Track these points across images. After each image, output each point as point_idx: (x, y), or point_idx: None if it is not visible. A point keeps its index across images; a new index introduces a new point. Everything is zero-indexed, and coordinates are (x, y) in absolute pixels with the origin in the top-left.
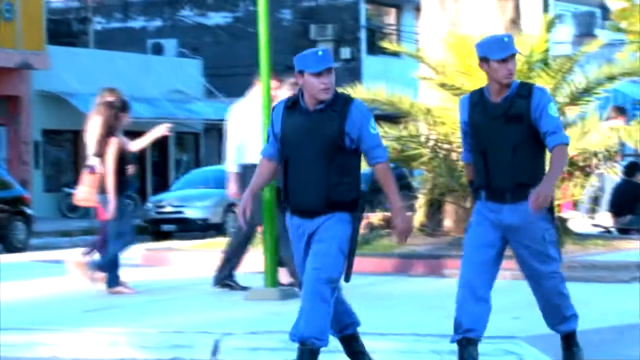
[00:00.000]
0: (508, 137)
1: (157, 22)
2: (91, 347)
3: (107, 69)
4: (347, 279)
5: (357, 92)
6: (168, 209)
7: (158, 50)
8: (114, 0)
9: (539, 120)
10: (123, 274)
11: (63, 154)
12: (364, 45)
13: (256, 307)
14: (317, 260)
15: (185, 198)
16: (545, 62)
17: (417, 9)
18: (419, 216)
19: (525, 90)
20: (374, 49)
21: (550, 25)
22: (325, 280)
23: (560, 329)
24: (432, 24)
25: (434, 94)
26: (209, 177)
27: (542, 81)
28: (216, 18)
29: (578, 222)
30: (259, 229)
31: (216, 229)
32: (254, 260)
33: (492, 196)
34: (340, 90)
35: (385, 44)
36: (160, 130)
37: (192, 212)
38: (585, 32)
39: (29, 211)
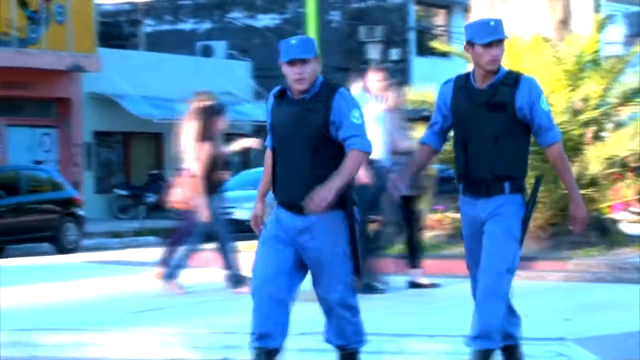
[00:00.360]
0: (490, 126)
1: (207, 25)
2: (142, 347)
3: (157, 71)
4: (359, 277)
5: (406, 93)
6: None
7: (208, 52)
8: (164, 3)
9: (532, 113)
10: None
11: (113, 156)
12: (413, 47)
13: (305, 308)
14: (328, 271)
15: (235, 199)
16: (596, 63)
17: (467, 9)
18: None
19: (512, 78)
20: (423, 50)
21: (601, 26)
22: (340, 289)
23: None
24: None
25: None
26: (258, 179)
27: (593, 82)
28: (265, 20)
29: (630, 223)
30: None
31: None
32: None
33: (470, 189)
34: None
35: (434, 45)
36: (252, 142)
37: (241, 214)
38: (636, 32)
39: (80, 212)
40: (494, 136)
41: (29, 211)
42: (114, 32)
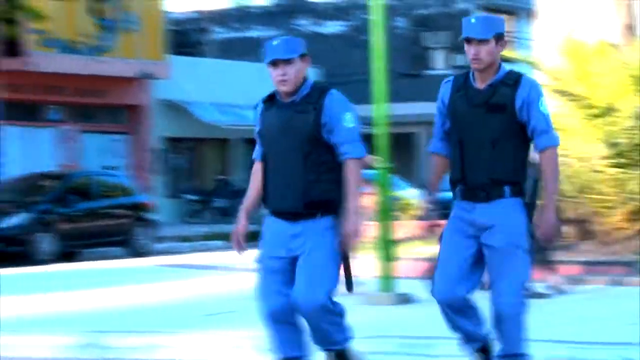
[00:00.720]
0: (488, 128)
1: (274, 32)
2: (214, 350)
3: (225, 78)
4: (349, 288)
5: None
6: None
7: None
8: (232, 11)
9: (528, 114)
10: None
11: (183, 161)
12: None
13: (371, 312)
14: (310, 274)
15: None
16: None
17: (532, 15)
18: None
19: (513, 78)
20: None
21: None
22: (324, 294)
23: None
24: (547, 30)
25: (548, 101)
26: None
27: None
28: (332, 27)
29: None
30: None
31: None
32: (368, 265)
33: (467, 193)
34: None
35: None
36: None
37: None
38: None
39: (150, 217)
40: (493, 139)
41: (101, 216)
42: (183, 40)
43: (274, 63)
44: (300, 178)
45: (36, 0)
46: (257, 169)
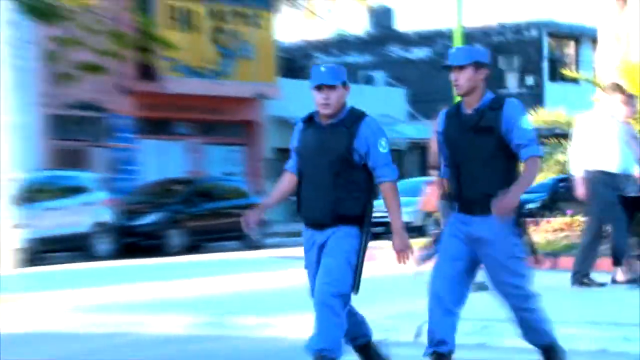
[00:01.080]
0: (478, 149)
1: (368, 57)
2: None
3: None
4: (356, 291)
5: (540, 115)
6: (378, 214)
7: (369, 81)
8: (332, 39)
9: (511, 133)
10: None
11: None
12: (546, 74)
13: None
14: (326, 275)
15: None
16: None
17: (594, 40)
18: None
19: (497, 103)
20: (555, 76)
21: None
22: (335, 294)
23: (534, 342)
24: (607, 53)
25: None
26: (411, 188)
27: None
28: (418, 52)
29: None
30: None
31: (418, 231)
32: None
33: (463, 208)
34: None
35: (565, 72)
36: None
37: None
38: None
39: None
40: (483, 159)
41: (221, 215)
42: (291, 65)
43: (319, 87)
44: (330, 194)
45: (167, 32)
46: (286, 177)
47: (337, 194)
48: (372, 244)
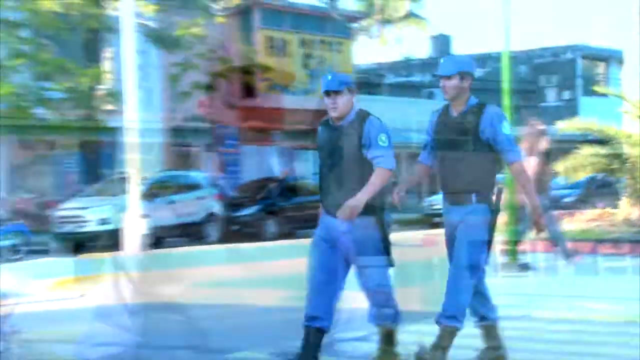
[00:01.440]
0: (460, 147)
1: (429, 77)
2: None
3: (396, 111)
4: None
5: (574, 123)
6: (437, 206)
7: (431, 96)
8: (400, 62)
9: (494, 138)
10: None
11: None
12: (580, 89)
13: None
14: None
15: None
16: None
17: (621, 61)
18: (622, 211)
19: (478, 107)
20: (588, 92)
21: None
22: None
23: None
24: (633, 71)
25: (634, 124)
26: None
27: None
28: None
29: None
30: None
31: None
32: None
33: (447, 198)
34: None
35: (596, 88)
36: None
37: None
38: None
39: None
40: (463, 156)
41: (306, 207)
42: (366, 83)
43: (327, 93)
44: (344, 187)
45: (266, 58)
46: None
47: (351, 186)
48: (437, 231)
